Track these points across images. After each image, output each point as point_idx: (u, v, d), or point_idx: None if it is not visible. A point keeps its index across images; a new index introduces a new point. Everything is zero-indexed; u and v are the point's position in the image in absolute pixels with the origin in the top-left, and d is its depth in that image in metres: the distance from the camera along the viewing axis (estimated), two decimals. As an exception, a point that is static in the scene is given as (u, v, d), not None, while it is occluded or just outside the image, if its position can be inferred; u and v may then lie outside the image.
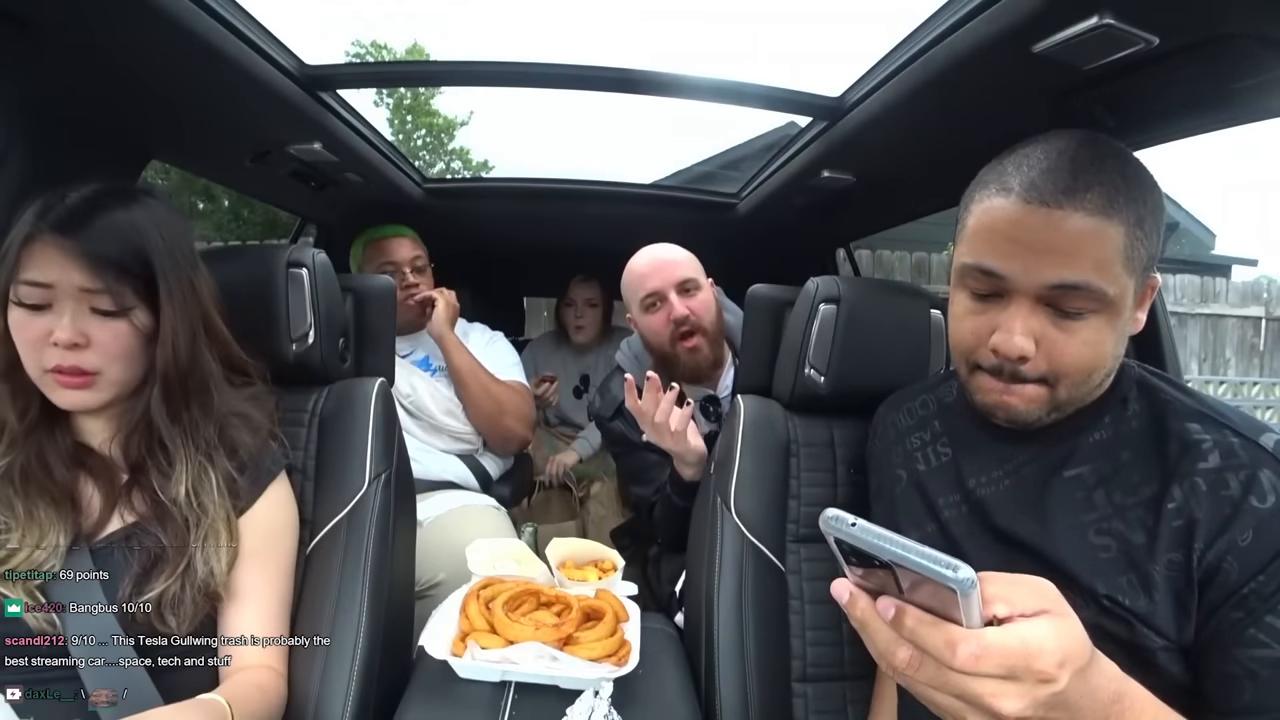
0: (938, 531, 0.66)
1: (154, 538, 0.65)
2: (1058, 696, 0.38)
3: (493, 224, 1.88)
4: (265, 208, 5.96)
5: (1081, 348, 0.53)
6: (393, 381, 0.99)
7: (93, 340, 0.64)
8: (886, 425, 0.79)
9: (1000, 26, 0.66)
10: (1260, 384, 5.60)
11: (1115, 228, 0.51)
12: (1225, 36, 0.60)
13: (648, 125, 15.29)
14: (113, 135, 0.97)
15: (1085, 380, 0.55)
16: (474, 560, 0.87)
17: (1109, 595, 0.53)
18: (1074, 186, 0.51)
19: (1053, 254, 0.51)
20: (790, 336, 0.94)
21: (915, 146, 1.04)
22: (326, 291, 0.88)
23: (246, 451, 0.72)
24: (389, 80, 2.49)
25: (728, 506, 0.88)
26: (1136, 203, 0.51)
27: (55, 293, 0.63)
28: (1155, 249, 0.53)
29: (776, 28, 20.29)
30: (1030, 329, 0.54)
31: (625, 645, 0.75)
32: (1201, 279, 5.69)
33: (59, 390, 0.64)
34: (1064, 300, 0.52)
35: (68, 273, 0.62)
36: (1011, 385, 0.56)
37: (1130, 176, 0.52)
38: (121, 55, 0.78)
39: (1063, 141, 0.54)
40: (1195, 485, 0.52)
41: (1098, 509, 0.56)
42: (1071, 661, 0.38)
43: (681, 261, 1.20)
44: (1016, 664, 0.37)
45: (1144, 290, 0.55)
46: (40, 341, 0.63)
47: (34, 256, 0.62)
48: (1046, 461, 0.60)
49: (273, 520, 0.73)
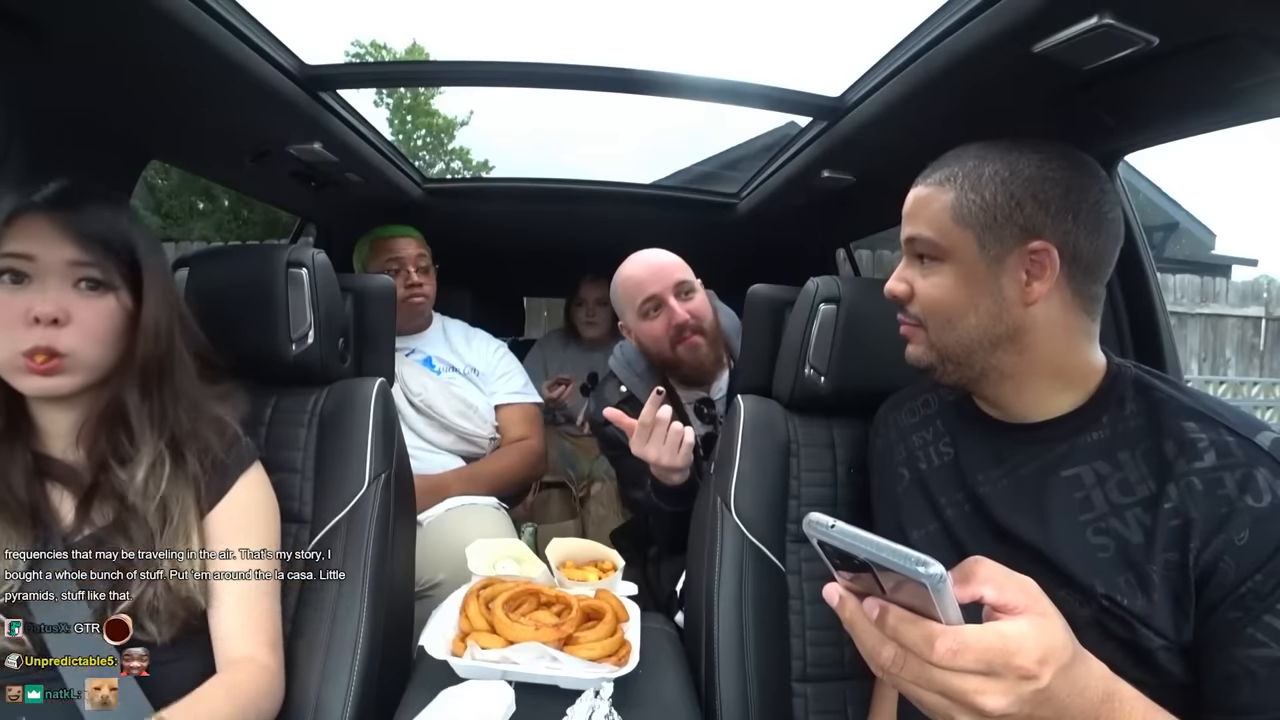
0: (940, 530, 0.67)
1: (115, 549, 0.63)
2: (1041, 694, 0.39)
3: (493, 224, 1.87)
4: (265, 208, 5.96)
5: (931, 289, 0.63)
6: (393, 381, 0.99)
7: (73, 317, 0.62)
8: (888, 424, 0.79)
9: (1000, 26, 0.66)
10: (1260, 384, 5.60)
11: (945, 193, 0.61)
12: (1225, 36, 0.60)
13: (648, 125, 15.30)
14: (113, 135, 0.97)
15: (948, 325, 0.62)
16: (474, 560, 0.86)
17: (1107, 595, 0.53)
18: (927, 171, 0.65)
19: (907, 218, 0.66)
20: (790, 336, 0.94)
21: (915, 146, 1.02)
22: (326, 291, 0.88)
23: (215, 446, 0.70)
24: (389, 80, 2.50)
25: (728, 506, 0.88)
26: (980, 175, 0.60)
27: (38, 265, 0.61)
28: (1020, 218, 0.58)
29: (776, 28, 20.30)
30: (903, 275, 0.67)
31: (625, 645, 0.75)
32: (1201, 279, 5.69)
33: (28, 377, 0.61)
34: (916, 249, 0.65)
35: (55, 246, 0.61)
36: (903, 322, 0.68)
37: (987, 156, 0.61)
38: (121, 55, 0.78)
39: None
40: (1191, 485, 0.52)
41: (1095, 508, 0.56)
42: (1053, 659, 0.39)
43: (675, 265, 1.19)
44: (995, 659, 0.38)
45: (1022, 258, 0.58)
46: (17, 320, 0.60)
47: (18, 230, 0.61)
48: (1045, 461, 0.60)
49: (245, 505, 0.71)
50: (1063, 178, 0.58)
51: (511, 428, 1.46)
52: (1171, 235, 6.89)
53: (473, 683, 0.70)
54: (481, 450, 1.41)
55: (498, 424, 1.45)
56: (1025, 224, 0.58)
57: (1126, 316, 0.96)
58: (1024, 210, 0.58)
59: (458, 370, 1.45)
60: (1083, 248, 0.58)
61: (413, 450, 1.16)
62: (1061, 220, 0.57)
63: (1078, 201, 0.57)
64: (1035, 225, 0.57)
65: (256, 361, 0.84)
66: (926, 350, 0.65)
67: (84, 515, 0.65)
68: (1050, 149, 0.60)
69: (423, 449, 1.34)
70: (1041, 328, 0.59)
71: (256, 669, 0.68)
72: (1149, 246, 0.97)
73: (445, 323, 1.55)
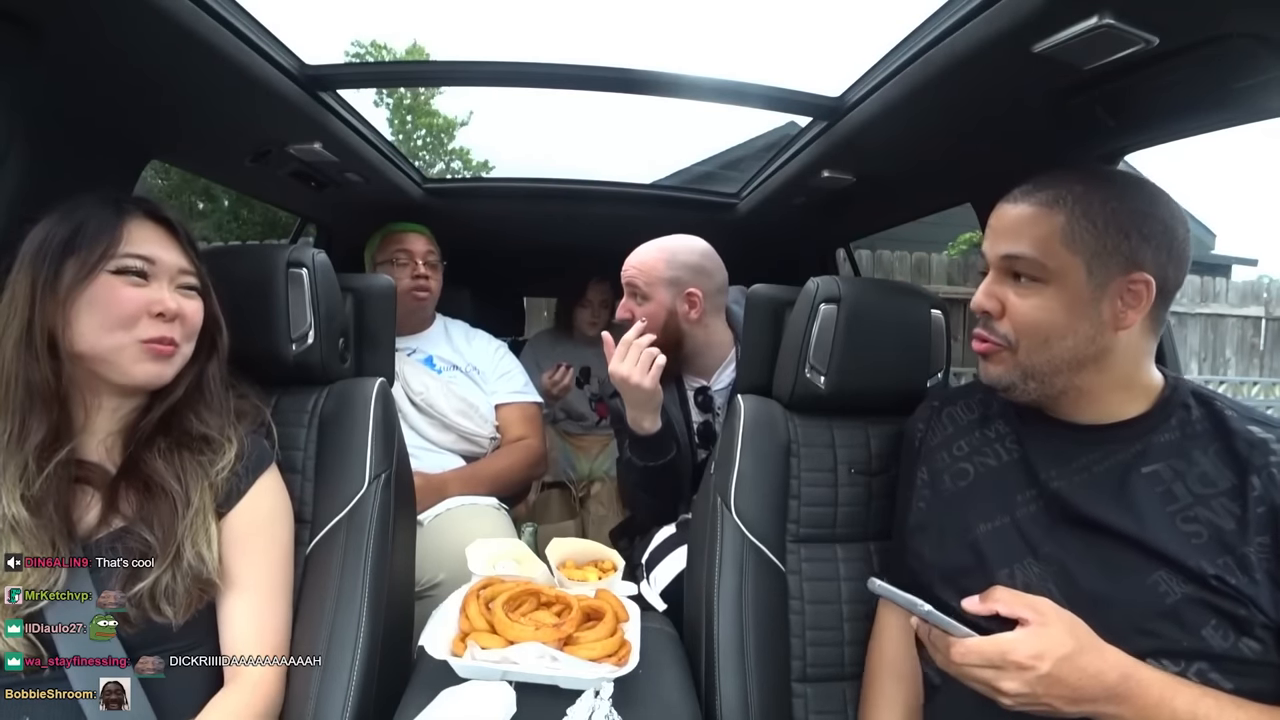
0: (1010, 525, 0.68)
1: (139, 537, 0.65)
2: (1045, 678, 0.54)
3: (492, 224, 1.88)
4: (265, 208, 5.96)
5: (1031, 310, 0.64)
6: (393, 381, 0.99)
7: (184, 313, 0.69)
8: (943, 418, 0.80)
9: (1000, 26, 0.66)
10: (1260, 384, 5.60)
11: (1056, 216, 0.62)
12: (1225, 36, 0.60)
13: (648, 125, 15.28)
14: (112, 135, 0.97)
15: (1043, 346, 0.64)
16: (474, 560, 0.86)
17: (1217, 576, 0.57)
18: (1029, 188, 0.66)
19: (1004, 233, 0.66)
20: (790, 336, 0.94)
21: (915, 146, 1.04)
22: (326, 291, 0.88)
23: (237, 446, 0.72)
24: (389, 80, 2.50)
25: (728, 506, 0.88)
26: (1091, 202, 0.62)
27: (157, 268, 0.68)
28: (1126, 248, 0.61)
29: (776, 28, 20.30)
30: (994, 292, 0.67)
31: (625, 645, 0.75)
32: (1201, 279, 5.69)
33: (145, 362, 0.67)
34: (1014, 267, 0.65)
35: (168, 251, 0.69)
36: (985, 339, 0.68)
37: (1095, 184, 0.63)
38: (121, 55, 0.78)
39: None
40: (1272, 475, 0.58)
41: (1179, 499, 0.61)
42: (1049, 654, 0.54)
43: (637, 264, 1.18)
44: (995, 659, 0.55)
45: (1121, 286, 0.61)
46: (140, 312, 0.66)
47: (136, 234, 0.67)
48: (1120, 459, 0.64)
49: (262, 508, 0.73)
50: (1163, 215, 0.62)
51: (511, 427, 1.46)
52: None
53: (473, 683, 0.70)
54: (482, 450, 1.41)
55: (498, 423, 1.45)
56: (1131, 255, 0.61)
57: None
58: (1130, 242, 0.61)
59: (459, 369, 1.45)
60: (1170, 280, 0.63)
61: (413, 449, 1.16)
62: (1159, 255, 0.61)
63: (1171, 240, 0.62)
64: (1139, 257, 0.61)
65: (256, 361, 0.84)
66: (1009, 369, 0.67)
67: (108, 513, 0.67)
68: (1150, 186, 0.64)
69: (423, 448, 1.34)
70: (1122, 350, 0.64)
71: (267, 679, 0.70)
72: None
73: (447, 322, 1.55)
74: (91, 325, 0.65)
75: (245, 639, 0.69)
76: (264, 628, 0.71)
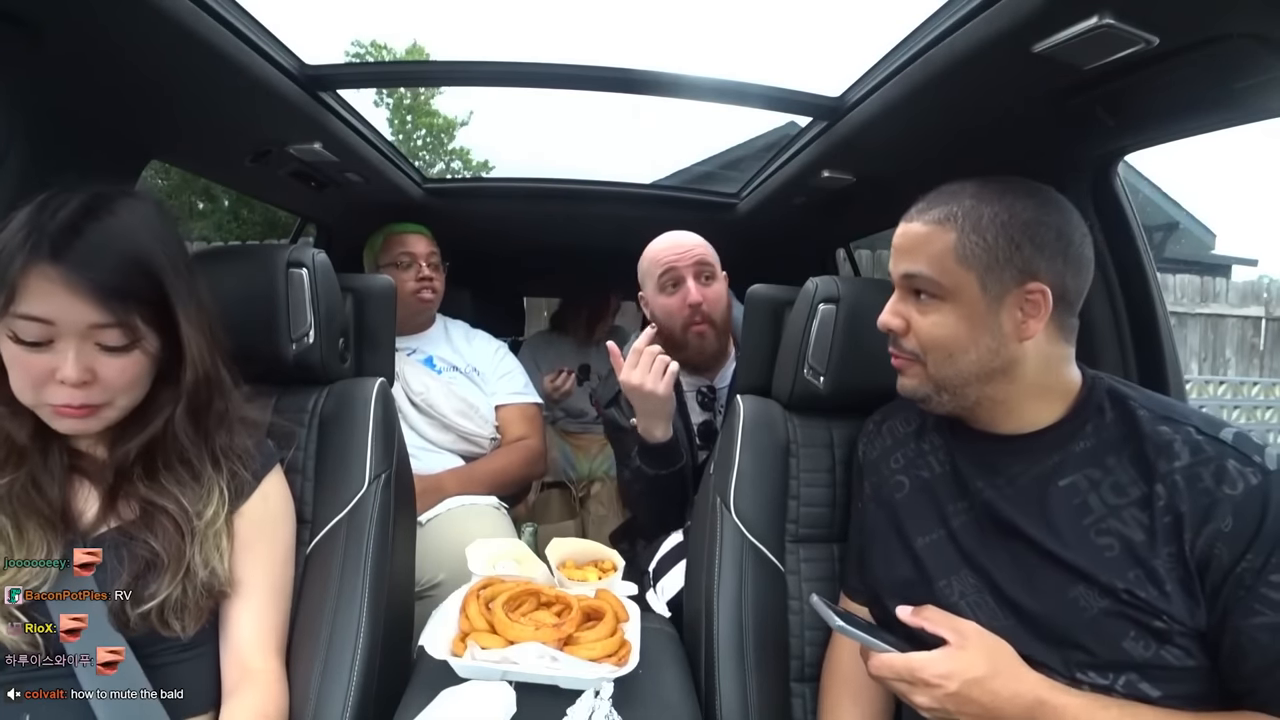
0: (946, 538, 0.69)
1: (144, 544, 0.64)
2: (953, 696, 0.57)
3: (493, 224, 1.88)
4: (265, 208, 5.95)
5: (931, 327, 0.65)
6: (393, 381, 0.99)
7: (99, 376, 0.60)
8: (883, 431, 0.81)
9: (1000, 26, 0.66)
10: (1260, 384, 5.59)
11: (947, 233, 0.63)
12: (1225, 36, 0.60)
13: (648, 125, 15.28)
14: (113, 135, 0.97)
15: (948, 360, 0.64)
16: (474, 560, 0.86)
17: (1128, 590, 0.57)
18: (923, 206, 0.66)
19: (903, 253, 0.67)
20: (790, 336, 0.94)
21: (915, 146, 1.04)
22: (326, 291, 0.88)
23: (246, 451, 0.72)
24: (389, 80, 2.50)
25: (727, 506, 0.88)
26: (980, 217, 0.62)
27: (58, 329, 0.58)
28: (1019, 260, 0.61)
29: (776, 28, 20.30)
30: (898, 310, 0.68)
31: (625, 645, 0.75)
32: (1201, 279, 5.68)
33: (60, 420, 0.61)
34: (914, 285, 0.66)
35: (73, 308, 0.57)
36: (896, 355, 0.70)
37: (984, 198, 0.63)
38: (121, 55, 0.78)
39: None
40: (1175, 483, 0.57)
41: (1094, 511, 0.61)
42: (958, 675, 0.57)
43: (701, 246, 1.21)
44: (904, 675, 0.59)
45: (1019, 297, 0.62)
46: (43, 379, 0.59)
47: (31, 288, 0.56)
48: (1040, 470, 0.64)
49: (267, 512, 0.73)
50: (1055, 222, 0.62)
51: (511, 427, 1.46)
52: (1171, 235, 6.88)
53: (473, 683, 0.70)
54: (482, 450, 1.41)
55: (498, 424, 1.45)
56: (1024, 266, 0.61)
57: (1127, 317, 0.96)
58: (1023, 253, 0.61)
59: (459, 370, 1.45)
60: (1069, 288, 0.63)
61: (413, 449, 1.16)
62: (1054, 263, 0.62)
63: (1066, 246, 0.62)
64: (1032, 267, 0.61)
65: (256, 361, 0.84)
66: (922, 383, 0.68)
67: (108, 509, 0.66)
68: (1043, 194, 0.64)
69: (423, 448, 1.34)
70: (1030, 359, 0.64)
71: (274, 681, 0.69)
72: (1149, 246, 0.97)
73: (447, 323, 1.55)
74: (12, 377, 0.60)
75: (250, 641, 0.69)
76: (268, 629, 0.71)
